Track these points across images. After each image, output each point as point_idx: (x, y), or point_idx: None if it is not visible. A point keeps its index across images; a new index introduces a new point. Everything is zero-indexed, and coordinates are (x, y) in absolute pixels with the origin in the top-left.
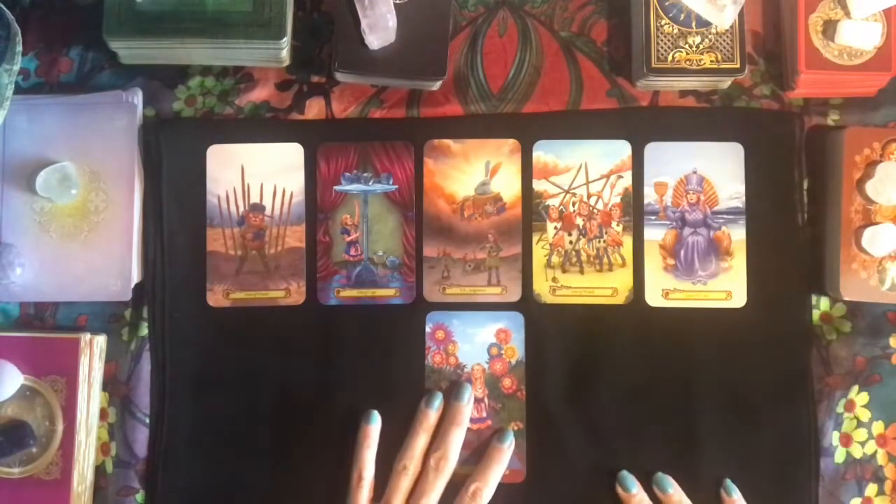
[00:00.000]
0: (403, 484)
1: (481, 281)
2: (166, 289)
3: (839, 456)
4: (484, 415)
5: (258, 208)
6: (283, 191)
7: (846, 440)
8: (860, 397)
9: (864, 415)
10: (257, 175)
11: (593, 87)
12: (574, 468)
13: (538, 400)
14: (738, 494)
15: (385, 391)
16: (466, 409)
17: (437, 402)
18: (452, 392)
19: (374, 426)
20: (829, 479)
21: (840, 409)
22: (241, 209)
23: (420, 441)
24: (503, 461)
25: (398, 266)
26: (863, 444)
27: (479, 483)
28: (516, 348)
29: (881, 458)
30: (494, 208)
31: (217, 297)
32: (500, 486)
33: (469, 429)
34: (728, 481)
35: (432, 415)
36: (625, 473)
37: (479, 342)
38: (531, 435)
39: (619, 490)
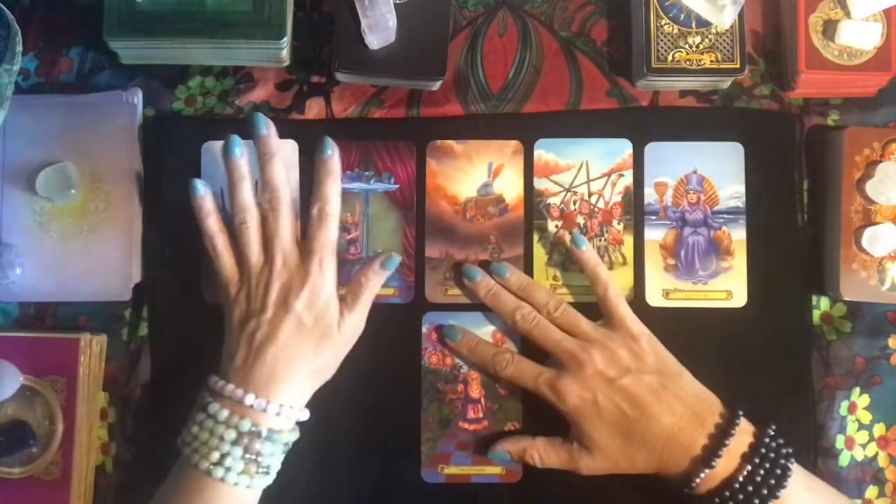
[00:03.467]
0: (251, 236)
1: None
2: (166, 289)
3: (843, 459)
4: (481, 415)
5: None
6: None
7: (850, 443)
8: (861, 399)
9: (866, 417)
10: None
11: (593, 87)
12: None
13: (535, 401)
14: (587, 246)
15: (380, 390)
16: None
17: (237, 147)
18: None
19: (204, 193)
20: (830, 480)
21: (843, 411)
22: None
23: (244, 190)
24: (333, 170)
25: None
26: (864, 446)
27: (319, 203)
28: (513, 349)
29: (882, 461)
30: (497, 210)
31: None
32: (496, 486)
33: (465, 430)
34: (576, 232)
35: (240, 162)
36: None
37: None
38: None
39: (465, 281)
